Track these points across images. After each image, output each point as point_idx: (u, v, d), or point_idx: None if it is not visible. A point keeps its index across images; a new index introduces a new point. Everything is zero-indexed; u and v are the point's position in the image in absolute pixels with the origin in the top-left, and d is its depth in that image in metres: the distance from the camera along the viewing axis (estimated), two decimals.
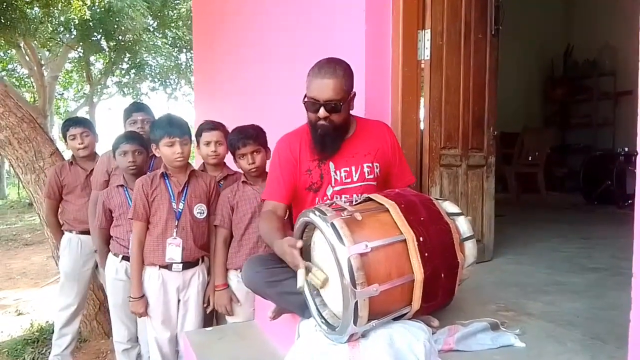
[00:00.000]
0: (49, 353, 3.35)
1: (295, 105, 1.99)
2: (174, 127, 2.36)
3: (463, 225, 1.62)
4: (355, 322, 1.33)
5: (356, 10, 2.38)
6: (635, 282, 1.03)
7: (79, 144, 3.09)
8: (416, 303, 1.44)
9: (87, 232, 3.03)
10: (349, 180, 1.93)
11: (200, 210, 2.47)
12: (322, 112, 1.81)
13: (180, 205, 2.43)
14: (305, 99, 1.85)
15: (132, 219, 2.44)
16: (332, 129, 1.86)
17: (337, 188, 1.92)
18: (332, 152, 1.92)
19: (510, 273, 2.53)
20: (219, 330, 2.47)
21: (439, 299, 1.52)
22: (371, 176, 1.94)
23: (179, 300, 2.50)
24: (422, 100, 2.48)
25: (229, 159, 2.75)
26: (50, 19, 10.95)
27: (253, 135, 2.39)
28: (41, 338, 4.20)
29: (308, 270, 1.48)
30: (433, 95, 2.48)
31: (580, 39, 6.91)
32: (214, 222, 2.50)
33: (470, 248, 1.61)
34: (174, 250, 2.41)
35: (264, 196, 2.00)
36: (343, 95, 1.82)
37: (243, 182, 2.47)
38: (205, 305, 2.54)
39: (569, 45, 7.08)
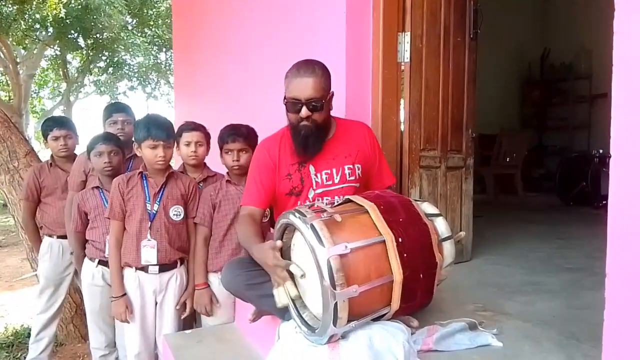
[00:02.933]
0: (24, 357, 3.27)
1: (276, 106, 1.98)
2: (160, 129, 2.32)
3: (441, 225, 1.64)
4: (334, 324, 1.33)
5: (337, 13, 2.38)
6: (609, 282, 1.05)
7: (62, 145, 3.01)
8: (395, 303, 1.45)
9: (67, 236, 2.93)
10: (330, 182, 1.92)
11: (176, 212, 2.43)
12: (304, 111, 1.80)
13: (155, 207, 2.38)
14: (286, 101, 1.84)
15: (108, 217, 2.41)
16: (314, 129, 1.85)
17: (318, 191, 1.91)
18: (314, 153, 1.91)
19: (488, 273, 2.56)
20: (198, 333, 2.45)
21: (417, 300, 1.53)
22: (352, 178, 1.94)
23: (156, 303, 2.46)
24: (402, 102, 2.50)
25: (209, 161, 2.73)
26: (25, 16, 10.68)
27: (244, 134, 2.40)
28: (16, 342, 4.08)
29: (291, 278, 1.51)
30: (413, 97, 2.50)
31: (556, 43, 7.03)
32: (194, 221, 2.47)
33: (448, 248, 1.63)
34: (148, 252, 2.37)
35: (242, 202, 2.00)
36: (323, 93, 1.83)
37: (227, 181, 2.46)
38: (178, 307, 2.47)
39: (545, 49, 7.20)
